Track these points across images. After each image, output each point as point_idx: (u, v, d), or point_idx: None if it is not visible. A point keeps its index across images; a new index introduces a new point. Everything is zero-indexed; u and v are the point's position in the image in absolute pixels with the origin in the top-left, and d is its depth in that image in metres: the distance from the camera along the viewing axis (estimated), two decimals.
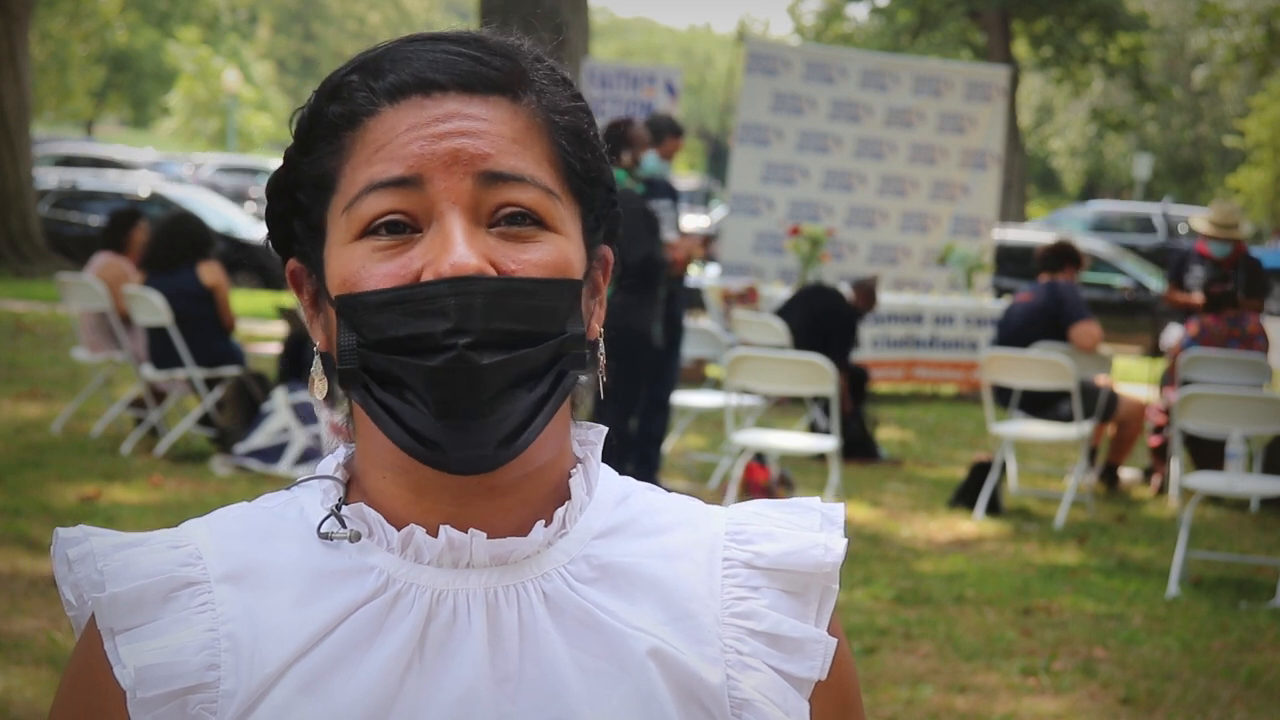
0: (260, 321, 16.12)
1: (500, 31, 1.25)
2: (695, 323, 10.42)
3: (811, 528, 1.27)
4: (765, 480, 8.73)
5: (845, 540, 1.28)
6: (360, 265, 1.17)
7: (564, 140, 1.22)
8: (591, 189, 1.24)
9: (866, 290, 11.31)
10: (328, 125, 1.21)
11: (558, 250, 1.19)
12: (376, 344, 1.16)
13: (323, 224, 1.22)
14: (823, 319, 10.84)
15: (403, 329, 1.14)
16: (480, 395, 1.14)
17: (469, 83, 1.19)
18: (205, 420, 9.70)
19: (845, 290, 11.39)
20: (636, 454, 8.49)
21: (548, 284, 1.17)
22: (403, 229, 1.17)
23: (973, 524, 8.81)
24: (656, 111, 12.69)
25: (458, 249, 1.15)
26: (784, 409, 12.06)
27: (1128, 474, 10.44)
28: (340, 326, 1.18)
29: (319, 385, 1.24)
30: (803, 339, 10.42)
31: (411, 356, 1.14)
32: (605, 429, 1.33)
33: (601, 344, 1.27)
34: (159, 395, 9.95)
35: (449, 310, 1.13)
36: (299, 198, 1.23)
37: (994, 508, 9.06)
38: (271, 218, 1.27)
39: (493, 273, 1.15)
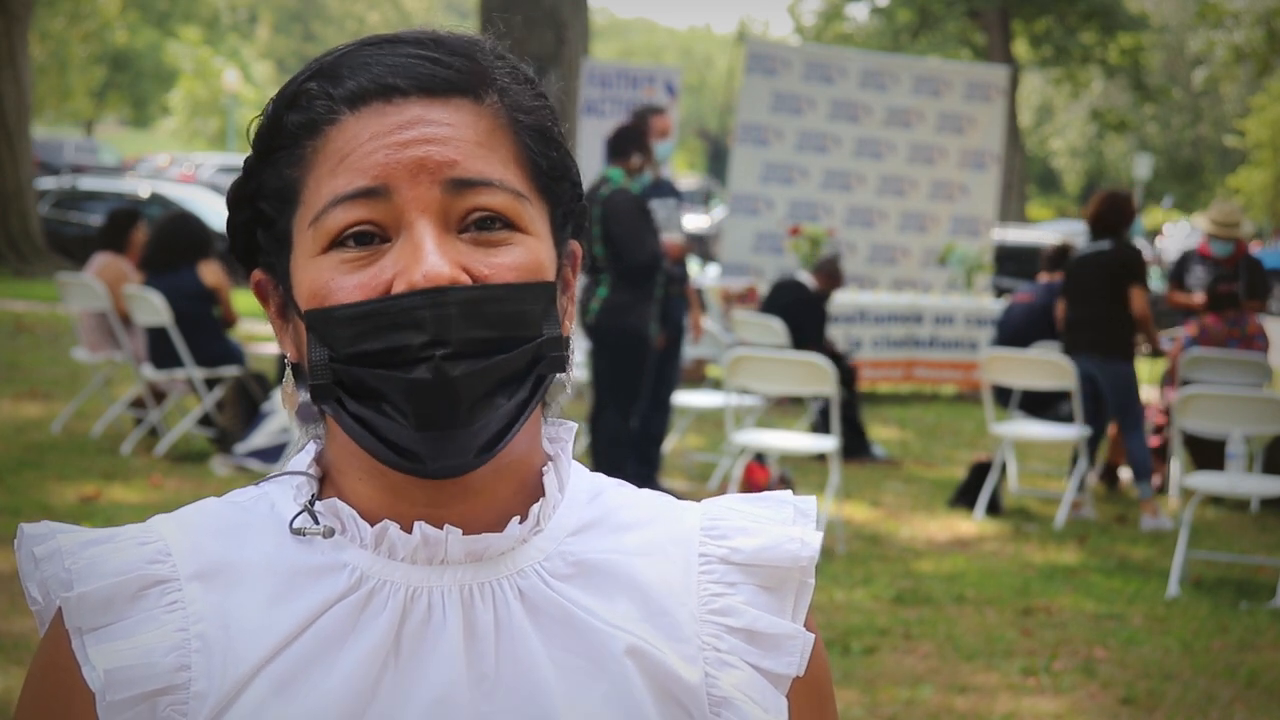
0: (260, 321, 16.11)
1: (459, 29, 1.23)
2: None
3: (785, 521, 1.27)
4: (765, 480, 8.72)
5: (820, 534, 1.27)
6: (329, 278, 1.15)
7: (529, 139, 1.20)
8: (558, 185, 1.22)
9: (828, 270, 11.36)
10: (288, 134, 1.18)
11: (529, 252, 1.17)
12: (350, 358, 1.14)
13: (288, 235, 1.19)
14: (791, 311, 10.91)
15: (378, 342, 1.12)
16: (460, 406, 1.12)
17: (430, 86, 1.17)
18: (205, 420, 9.70)
19: (806, 279, 11.41)
20: (636, 454, 8.47)
21: (521, 289, 1.15)
22: (371, 239, 1.15)
23: (973, 524, 8.81)
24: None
25: (430, 258, 1.12)
26: (784, 409, 12.06)
27: (1128, 474, 10.44)
28: (311, 341, 1.16)
29: (290, 398, 1.22)
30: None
31: (388, 369, 1.12)
32: (575, 425, 1.32)
33: (572, 342, 1.25)
34: (159, 395, 9.95)
35: (424, 322, 1.11)
36: (262, 207, 1.21)
37: (994, 508, 9.06)
38: (234, 228, 1.24)
39: (466, 280, 1.13)
